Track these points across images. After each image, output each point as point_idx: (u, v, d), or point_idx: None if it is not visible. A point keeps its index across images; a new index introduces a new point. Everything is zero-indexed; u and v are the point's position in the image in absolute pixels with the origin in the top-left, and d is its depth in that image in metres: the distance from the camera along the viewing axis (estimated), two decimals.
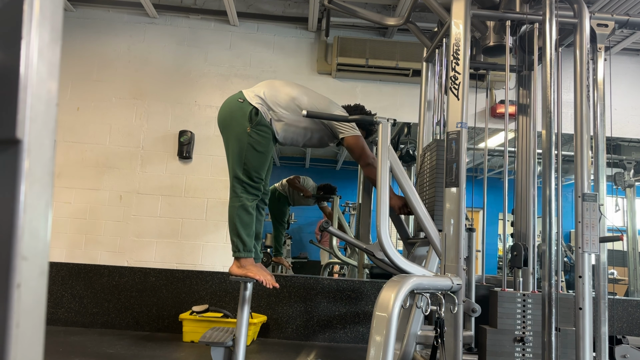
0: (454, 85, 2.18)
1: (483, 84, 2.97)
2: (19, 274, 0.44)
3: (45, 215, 0.48)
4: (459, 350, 1.98)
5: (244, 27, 4.36)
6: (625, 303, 4.06)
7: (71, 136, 4.16)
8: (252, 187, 2.49)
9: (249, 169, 2.48)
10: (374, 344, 1.70)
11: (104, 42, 4.30)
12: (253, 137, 2.48)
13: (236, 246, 2.47)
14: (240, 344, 2.47)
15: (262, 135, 2.51)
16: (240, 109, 2.52)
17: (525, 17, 2.35)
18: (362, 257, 4.56)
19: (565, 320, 2.09)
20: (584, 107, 2.22)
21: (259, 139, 2.50)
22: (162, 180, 4.16)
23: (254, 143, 2.49)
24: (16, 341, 0.44)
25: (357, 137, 2.61)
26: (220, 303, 3.94)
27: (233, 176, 2.50)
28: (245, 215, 2.46)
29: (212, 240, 4.11)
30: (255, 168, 2.49)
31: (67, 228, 4.06)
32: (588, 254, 2.08)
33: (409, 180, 2.22)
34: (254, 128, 2.49)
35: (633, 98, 4.42)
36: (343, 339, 3.91)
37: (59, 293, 3.95)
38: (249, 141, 2.48)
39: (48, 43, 0.48)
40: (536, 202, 2.44)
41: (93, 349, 3.27)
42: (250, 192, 2.49)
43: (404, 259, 2.11)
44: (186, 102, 4.25)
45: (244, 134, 2.48)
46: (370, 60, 4.12)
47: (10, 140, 0.44)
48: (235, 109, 2.54)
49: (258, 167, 2.50)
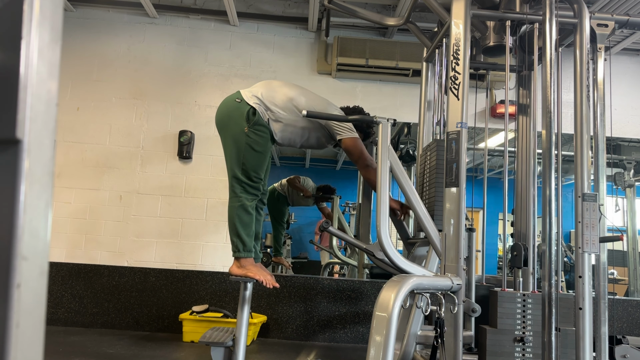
0: (454, 85, 2.18)
1: (483, 84, 2.97)
2: (19, 274, 0.44)
3: (45, 215, 0.48)
4: (459, 350, 1.98)
5: (244, 27, 4.36)
6: (625, 303, 4.06)
7: (71, 136, 4.16)
8: (251, 187, 2.50)
9: (248, 168, 2.48)
10: (374, 344, 1.70)
11: (104, 42, 4.30)
12: (251, 137, 2.48)
13: (236, 246, 2.47)
14: (240, 344, 2.47)
15: (260, 135, 2.51)
16: (238, 108, 2.52)
17: (525, 17, 2.35)
18: (362, 257, 4.56)
19: (565, 320, 2.09)
20: (584, 107, 2.22)
21: (257, 138, 2.50)
22: (162, 180, 4.16)
23: (252, 143, 2.49)
24: (16, 341, 0.44)
25: (355, 139, 2.61)
26: (220, 303, 3.94)
27: (232, 176, 2.50)
28: (244, 215, 2.46)
29: (212, 240, 4.11)
30: (253, 168, 2.49)
31: (67, 228, 4.06)
32: (588, 254, 2.08)
33: (409, 180, 2.22)
34: (252, 128, 2.49)
35: (633, 98, 4.42)
36: (343, 339, 3.91)
37: (59, 293, 3.95)
38: (246, 141, 2.48)
39: (48, 43, 0.48)
40: (536, 202, 2.45)
41: (93, 349, 3.27)
42: (249, 192, 2.49)
43: (404, 259, 2.11)
44: (186, 102, 4.25)
45: (242, 134, 2.48)
46: (370, 60, 4.12)
47: (10, 140, 0.44)
48: (232, 109, 2.54)
49: (256, 167, 2.50)
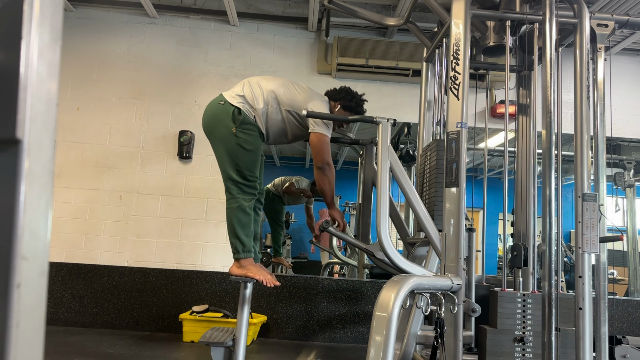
0: (454, 85, 2.18)
1: (483, 84, 2.97)
2: (19, 274, 0.44)
3: (45, 215, 0.48)
4: (459, 350, 1.98)
5: (244, 27, 4.36)
6: (625, 303, 4.06)
7: (71, 136, 4.16)
8: (247, 186, 2.49)
9: (242, 168, 2.48)
10: (374, 344, 1.70)
11: (104, 42, 4.30)
12: (240, 137, 2.48)
13: (235, 248, 2.47)
14: (240, 344, 2.47)
15: (249, 134, 2.51)
16: (223, 110, 2.52)
17: (525, 17, 2.35)
18: (362, 257, 4.56)
19: (565, 320, 2.09)
20: (584, 107, 2.22)
21: (246, 137, 2.50)
22: (162, 180, 4.16)
23: (242, 142, 2.48)
24: (16, 341, 0.44)
25: (322, 136, 2.56)
26: (220, 303, 3.94)
27: (227, 178, 2.50)
28: (243, 216, 2.46)
29: (212, 240, 4.11)
30: (247, 167, 2.49)
31: (67, 228, 4.06)
32: (588, 254, 2.08)
33: (409, 180, 2.22)
34: (239, 128, 2.49)
35: (633, 98, 4.41)
36: (343, 339, 3.91)
37: (59, 293, 3.95)
38: (236, 141, 2.48)
39: (48, 43, 0.48)
40: (536, 202, 2.45)
41: (93, 349, 3.27)
42: (246, 192, 2.49)
43: (404, 259, 2.11)
44: (186, 102, 4.25)
45: (231, 135, 2.48)
46: (370, 60, 4.12)
47: (10, 140, 0.44)
48: (217, 112, 2.54)
49: (250, 166, 2.50)
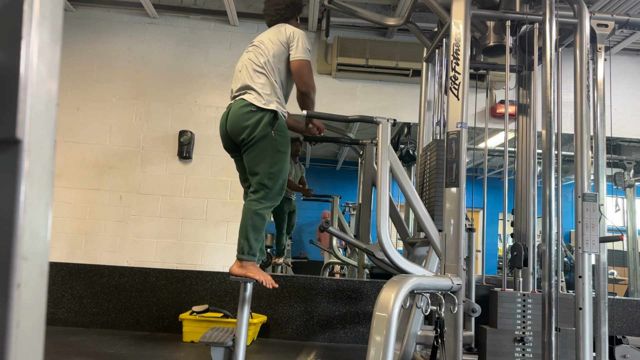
0: (454, 85, 2.18)
1: (483, 84, 2.97)
2: (19, 274, 0.44)
3: (45, 215, 0.48)
4: (459, 350, 1.98)
5: (244, 27, 4.36)
6: (625, 303, 4.06)
7: (71, 136, 4.16)
8: (275, 193, 2.48)
9: (278, 173, 2.47)
10: (374, 344, 1.70)
11: (104, 42, 4.30)
12: (277, 140, 2.49)
13: (242, 248, 2.46)
14: (240, 344, 2.47)
15: (283, 136, 2.52)
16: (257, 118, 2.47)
17: (525, 17, 2.35)
18: (362, 257, 4.56)
19: (565, 320, 2.09)
20: (584, 107, 2.22)
21: (282, 139, 2.51)
22: (162, 180, 4.16)
23: (279, 145, 2.49)
24: (16, 341, 0.44)
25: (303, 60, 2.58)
26: (220, 303, 3.94)
27: (257, 182, 2.47)
28: (259, 221, 2.45)
29: (212, 240, 4.11)
30: (283, 170, 2.49)
31: (67, 228, 4.06)
32: (588, 254, 2.08)
33: (409, 180, 2.22)
34: (277, 130, 2.49)
35: (633, 98, 4.41)
36: (343, 339, 3.91)
37: (59, 293, 3.95)
38: (273, 145, 2.47)
39: (48, 43, 0.48)
40: (536, 202, 2.45)
41: (93, 349, 3.27)
42: (270, 199, 2.48)
43: (404, 259, 2.11)
44: (186, 102, 4.25)
45: (269, 139, 2.47)
46: (370, 60, 4.12)
47: (10, 140, 0.44)
48: (252, 122, 2.47)
49: (285, 169, 2.49)
